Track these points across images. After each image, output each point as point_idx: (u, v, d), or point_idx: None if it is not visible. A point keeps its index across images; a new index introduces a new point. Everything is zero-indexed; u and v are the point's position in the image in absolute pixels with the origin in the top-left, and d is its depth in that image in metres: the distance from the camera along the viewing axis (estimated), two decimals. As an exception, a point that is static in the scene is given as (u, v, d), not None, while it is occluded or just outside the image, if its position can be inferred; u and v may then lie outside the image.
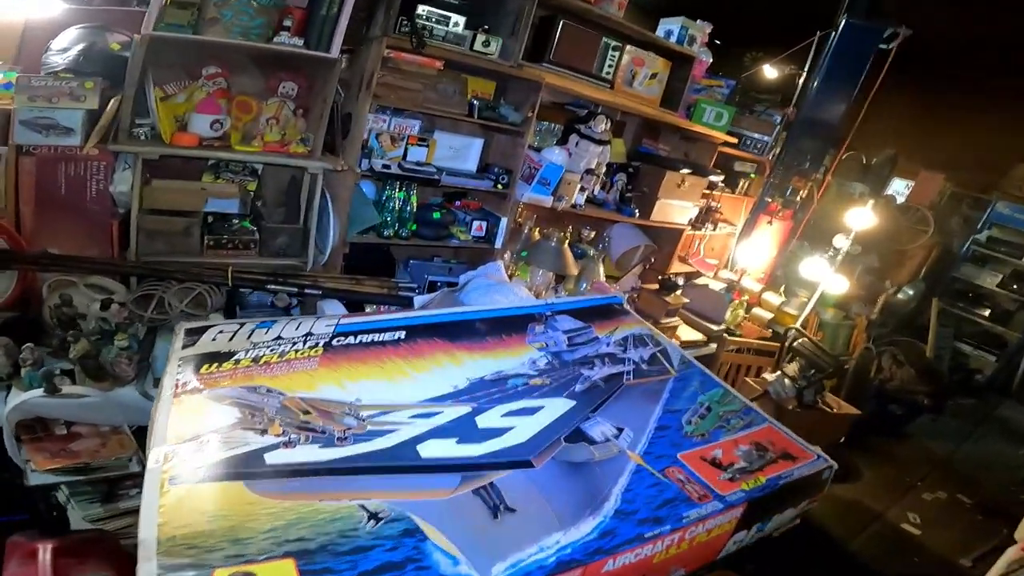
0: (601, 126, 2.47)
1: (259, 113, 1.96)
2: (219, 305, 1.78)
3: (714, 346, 3.07)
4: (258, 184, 2.09)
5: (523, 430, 1.16)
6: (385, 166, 1.89)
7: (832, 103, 3.30)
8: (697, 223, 3.30)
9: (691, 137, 3.07)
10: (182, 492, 0.84)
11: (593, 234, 2.82)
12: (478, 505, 0.95)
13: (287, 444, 1.00)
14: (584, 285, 2.65)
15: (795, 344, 2.97)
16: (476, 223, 2.24)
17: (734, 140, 3.13)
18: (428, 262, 2.30)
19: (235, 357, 1.25)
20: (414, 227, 2.12)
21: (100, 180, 1.64)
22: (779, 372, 2.86)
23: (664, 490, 1.04)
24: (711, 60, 2.98)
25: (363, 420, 1.10)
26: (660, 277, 2.73)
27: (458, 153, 2.19)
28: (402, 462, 1.01)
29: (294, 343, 1.32)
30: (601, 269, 2.80)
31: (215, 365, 1.21)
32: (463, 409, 1.20)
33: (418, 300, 1.85)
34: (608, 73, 2.45)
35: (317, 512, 0.87)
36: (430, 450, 1.05)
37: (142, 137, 1.65)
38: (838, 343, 3.83)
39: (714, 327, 3.11)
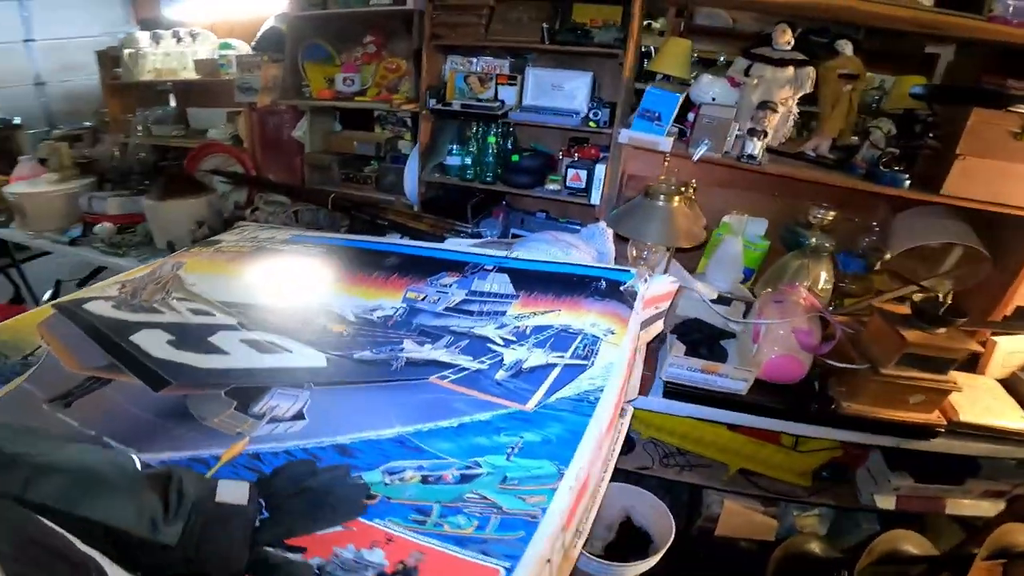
0: (783, 39, 1.53)
1: (407, 71, 2.22)
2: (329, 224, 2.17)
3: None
4: (412, 133, 2.36)
5: (232, 360, 1.03)
6: (447, 104, 1.81)
7: None
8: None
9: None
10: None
11: (831, 216, 1.75)
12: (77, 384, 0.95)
13: (109, 299, 1.24)
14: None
15: None
16: (572, 171, 1.83)
17: None
18: (530, 215, 2.04)
19: (217, 245, 1.58)
20: (500, 172, 1.93)
21: (287, 128, 2.27)
22: None
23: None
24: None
25: (180, 301, 1.22)
26: (914, 300, 1.45)
27: (561, 91, 1.83)
28: (112, 330, 1.09)
29: (254, 242, 1.55)
30: (823, 275, 1.77)
31: (205, 247, 1.57)
32: (229, 321, 1.15)
33: (450, 242, 1.75)
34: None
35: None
36: (143, 336, 1.09)
37: (307, 94, 2.18)
38: None
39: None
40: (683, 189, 1.66)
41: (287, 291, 1.28)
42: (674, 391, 1.56)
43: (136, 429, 0.82)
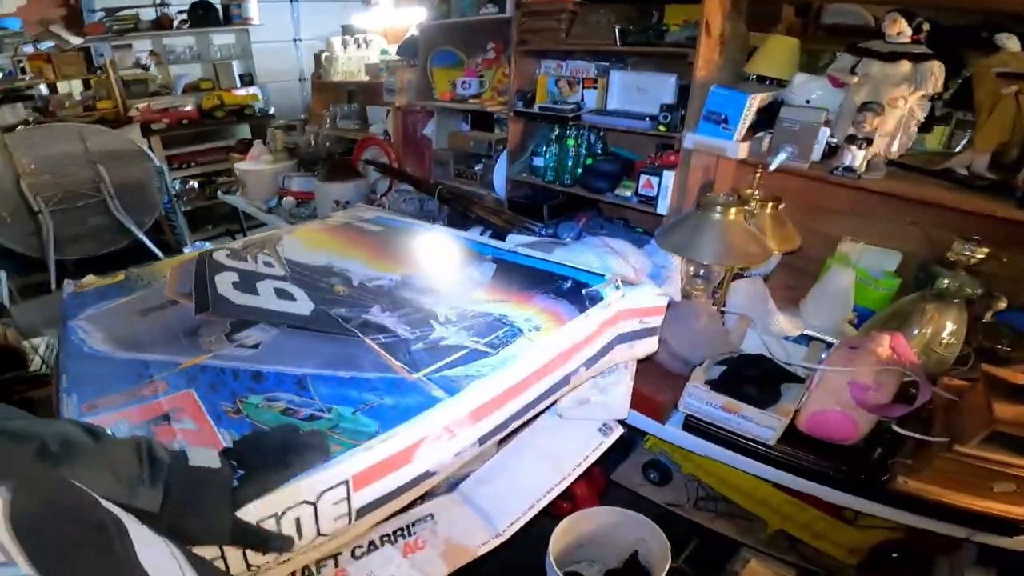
0: (894, 29, 1.22)
1: (519, 75, 2.35)
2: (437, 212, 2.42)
3: None
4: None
5: (257, 300, 1.31)
6: (527, 106, 1.88)
7: None
8: None
9: None
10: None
11: (980, 253, 1.33)
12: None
13: (229, 250, 1.63)
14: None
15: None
16: (644, 178, 1.74)
17: None
18: (609, 222, 1.99)
19: (327, 219, 1.94)
20: (578, 175, 1.94)
21: (421, 126, 2.60)
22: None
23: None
24: None
25: (264, 256, 1.56)
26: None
27: (646, 94, 1.74)
28: (209, 269, 1.45)
29: (348, 218, 1.87)
30: (949, 325, 1.39)
31: (319, 220, 1.96)
32: (280, 273, 1.45)
33: (511, 238, 1.86)
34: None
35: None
36: (222, 276, 1.43)
37: (434, 96, 2.47)
38: None
39: None
40: (747, 202, 1.47)
41: (331, 257, 1.53)
42: (694, 426, 1.41)
43: (158, 337, 1.13)
